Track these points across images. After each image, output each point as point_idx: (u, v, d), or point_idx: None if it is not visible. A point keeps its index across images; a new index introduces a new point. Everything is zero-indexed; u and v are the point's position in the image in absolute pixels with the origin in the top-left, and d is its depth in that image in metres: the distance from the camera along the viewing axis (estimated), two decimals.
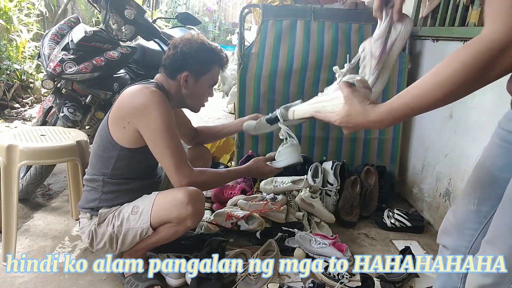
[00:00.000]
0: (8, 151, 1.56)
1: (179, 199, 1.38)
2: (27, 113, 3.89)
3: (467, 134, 1.97)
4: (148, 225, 1.42)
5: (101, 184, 1.49)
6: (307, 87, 2.48)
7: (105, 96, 2.19)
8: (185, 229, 1.46)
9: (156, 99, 1.38)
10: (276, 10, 2.41)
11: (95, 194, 1.50)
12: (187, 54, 1.48)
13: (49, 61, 2.02)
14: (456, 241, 1.05)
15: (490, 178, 0.98)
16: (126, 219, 1.44)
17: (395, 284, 1.62)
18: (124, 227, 1.44)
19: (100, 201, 1.49)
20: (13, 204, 1.58)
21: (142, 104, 1.37)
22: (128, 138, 1.43)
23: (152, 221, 1.42)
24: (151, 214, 1.41)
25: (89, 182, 1.53)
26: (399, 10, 0.96)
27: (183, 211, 1.38)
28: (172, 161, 1.38)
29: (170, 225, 1.43)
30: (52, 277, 1.56)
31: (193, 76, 1.51)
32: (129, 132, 1.41)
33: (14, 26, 3.92)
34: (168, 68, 1.51)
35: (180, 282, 1.54)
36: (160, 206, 1.42)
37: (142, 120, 1.38)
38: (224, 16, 11.24)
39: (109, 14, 2.16)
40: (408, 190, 2.55)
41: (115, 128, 1.44)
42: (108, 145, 1.46)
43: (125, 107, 1.42)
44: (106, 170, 1.48)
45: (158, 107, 1.37)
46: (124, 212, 1.46)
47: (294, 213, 2.08)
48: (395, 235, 2.10)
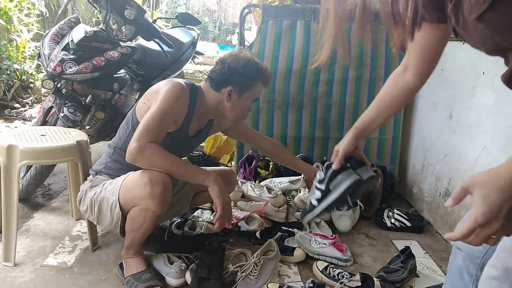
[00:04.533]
0: (8, 151, 1.56)
1: (139, 177, 1.42)
2: (27, 113, 3.89)
3: (467, 134, 1.97)
4: (116, 199, 1.47)
5: (112, 151, 1.61)
6: (307, 87, 2.48)
7: (105, 96, 2.19)
8: (152, 214, 1.42)
9: (175, 89, 1.48)
10: (276, 10, 2.41)
11: (104, 159, 1.63)
12: (233, 70, 1.55)
13: (49, 61, 2.02)
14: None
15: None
16: (104, 189, 1.52)
17: (395, 284, 1.62)
18: (101, 195, 1.52)
19: (105, 167, 1.61)
20: (13, 204, 1.58)
21: (161, 86, 1.50)
22: (144, 113, 1.49)
23: (120, 196, 1.46)
24: (120, 188, 1.47)
25: (107, 147, 1.65)
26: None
27: (142, 190, 1.39)
28: (139, 131, 1.40)
29: (136, 209, 1.45)
30: (52, 277, 1.56)
31: (237, 92, 1.57)
32: (146, 107, 1.49)
33: (14, 26, 3.92)
34: (214, 81, 1.58)
35: (180, 282, 1.54)
36: (127, 182, 1.47)
37: (153, 96, 1.49)
38: (224, 16, 11.25)
39: (109, 14, 2.16)
40: (408, 190, 2.55)
41: (140, 103, 1.55)
42: (130, 116, 1.58)
43: (155, 88, 1.53)
44: (121, 140, 1.59)
45: (171, 94, 1.46)
46: (108, 182, 1.54)
47: (293, 213, 2.08)
48: (395, 235, 2.10)
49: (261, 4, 2.43)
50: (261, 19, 2.41)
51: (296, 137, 2.56)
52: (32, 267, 1.61)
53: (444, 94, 2.20)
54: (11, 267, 1.59)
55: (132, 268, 1.54)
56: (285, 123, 2.54)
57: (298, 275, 1.68)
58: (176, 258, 1.62)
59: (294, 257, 1.76)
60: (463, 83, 2.01)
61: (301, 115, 2.53)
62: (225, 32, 10.83)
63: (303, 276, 1.69)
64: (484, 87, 1.83)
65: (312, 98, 2.50)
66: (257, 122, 2.52)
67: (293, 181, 2.19)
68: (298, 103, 2.50)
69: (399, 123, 2.54)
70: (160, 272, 1.58)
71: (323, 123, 2.54)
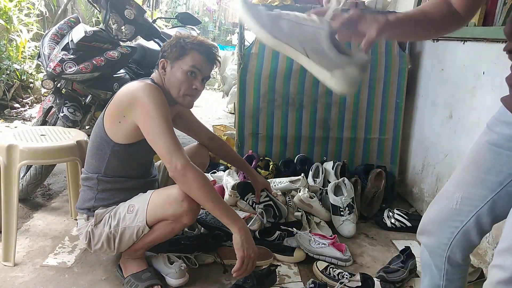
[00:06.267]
0: (8, 151, 1.56)
1: (174, 196, 1.39)
2: (27, 113, 3.89)
3: (467, 134, 1.97)
4: (144, 224, 1.43)
5: (95, 182, 1.50)
6: (307, 87, 2.48)
7: (105, 96, 2.19)
8: (182, 226, 1.46)
9: (148, 90, 1.41)
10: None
11: (90, 193, 1.52)
12: (166, 44, 1.52)
13: (49, 61, 2.02)
14: (436, 239, 1.07)
15: (476, 179, 1.00)
16: (122, 219, 1.45)
17: (395, 284, 1.62)
18: (120, 226, 1.45)
19: (95, 201, 1.51)
20: (13, 204, 1.58)
21: (137, 95, 1.40)
22: (123, 132, 1.45)
23: (148, 219, 1.42)
24: (146, 212, 1.42)
25: (84, 181, 1.54)
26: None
27: (178, 208, 1.38)
28: (165, 144, 1.37)
29: (166, 222, 1.43)
30: (52, 277, 1.56)
31: (169, 62, 1.51)
32: (124, 126, 1.44)
33: (14, 26, 3.92)
34: (156, 62, 1.55)
35: (180, 282, 1.54)
36: (155, 203, 1.43)
37: (137, 109, 1.40)
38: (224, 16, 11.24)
39: (109, 14, 2.16)
40: (408, 190, 2.55)
41: (110, 124, 1.46)
42: (102, 141, 1.48)
43: (121, 101, 1.44)
44: (100, 167, 1.50)
45: (151, 95, 1.39)
46: (120, 211, 1.47)
47: (293, 213, 2.08)
48: (395, 235, 2.10)
49: (261, 4, 2.43)
50: None
51: (296, 137, 2.55)
52: (32, 267, 1.61)
53: (444, 94, 2.20)
54: (11, 267, 1.59)
55: (133, 268, 1.54)
56: (285, 123, 2.53)
57: (298, 275, 1.68)
58: (176, 258, 1.62)
59: (294, 257, 1.76)
60: (463, 83, 2.01)
61: (301, 115, 2.52)
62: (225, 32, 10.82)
63: (303, 276, 1.68)
64: (484, 87, 1.83)
65: (312, 98, 2.50)
66: (257, 122, 2.52)
67: (293, 181, 2.18)
68: (298, 103, 2.50)
69: (399, 123, 2.54)
70: (160, 272, 1.58)
71: (323, 123, 2.54)
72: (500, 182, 0.95)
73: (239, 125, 2.51)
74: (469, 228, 1.01)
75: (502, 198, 0.95)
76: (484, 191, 0.97)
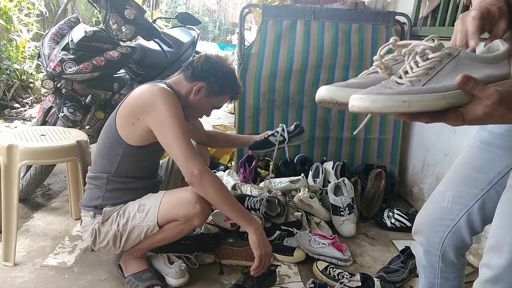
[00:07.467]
0: (8, 151, 1.56)
1: (187, 197, 1.41)
2: (27, 113, 3.89)
3: (467, 134, 1.97)
4: (155, 223, 1.44)
5: (105, 182, 1.50)
6: (307, 87, 2.48)
7: (105, 96, 2.19)
8: (192, 228, 1.47)
9: (163, 94, 1.41)
10: (276, 10, 2.41)
11: (98, 192, 1.51)
12: (214, 71, 1.54)
13: (49, 61, 2.02)
14: (429, 238, 1.08)
15: (467, 178, 1.00)
16: (132, 217, 1.46)
17: (395, 284, 1.62)
18: (129, 225, 1.46)
19: (103, 199, 1.51)
20: (13, 204, 1.58)
21: (152, 100, 1.40)
22: (136, 135, 1.45)
23: (159, 219, 1.44)
24: (158, 212, 1.43)
25: (92, 180, 1.54)
26: None
27: (191, 210, 1.40)
28: (181, 150, 1.37)
29: (176, 223, 1.44)
30: (52, 277, 1.56)
31: (207, 91, 1.55)
32: (138, 128, 1.44)
33: (14, 26, 3.92)
34: (191, 71, 1.55)
35: (180, 282, 1.54)
36: (168, 204, 1.44)
37: (151, 114, 1.40)
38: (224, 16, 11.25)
39: (109, 14, 2.16)
40: (408, 190, 2.55)
41: (123, 126, 1.46)
42: (114, 142, 1.48)
43: (134, 104, 1.44)
44: (111, 167, 1.50)
45: (166, 100, 1.40)
46: (129, 210, 1.48)
47: (293, 213, 2.08)
48: (395, 235, 2.10)
49: (261, 4, 2.43)
50: (261, 19, 2.41)
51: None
52: (32, 267, 1.61)
53: None
54: (11, 267, 1.59)
55: (133, 268, 1.54)
56: (285, 123, 2.52)
57: (298, 275, 1.68)
58: (176, 258, 1.62)
59: (294, 257, 1.76)
60: None
61: (301, 115, 2.53)
62: (225, 32, 10.83)
63: (303, 276, 1.68)
64: None
65: (312, 98, 2.50)
66: (257, 122, 2.52)
67: (293, 181, 2.18)
68: (298, 103, 2.50)
69: (399, 123, 2.54)
70: (160, 272, 1.58)
71: (323, 123, 2.54)
72: (490, 181, 0.96)
73: (239, 125, 2.51)
74: (460, 227, 1.01)
75: (491, 198, 0.96)
76: (474, 190, 0.98)
